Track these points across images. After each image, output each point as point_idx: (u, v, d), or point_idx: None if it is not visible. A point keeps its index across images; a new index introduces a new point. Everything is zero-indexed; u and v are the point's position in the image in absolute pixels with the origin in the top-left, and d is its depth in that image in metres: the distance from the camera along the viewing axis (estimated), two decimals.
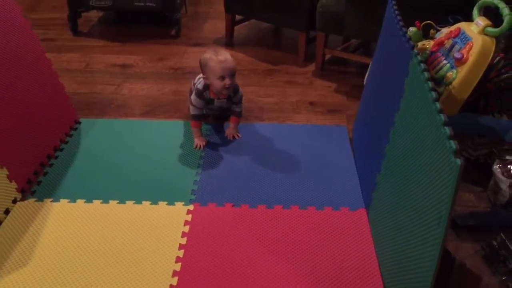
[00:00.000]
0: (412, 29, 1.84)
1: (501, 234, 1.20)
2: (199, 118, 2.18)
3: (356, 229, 1.75)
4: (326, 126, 2.38)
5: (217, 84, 2.06)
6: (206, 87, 2.13)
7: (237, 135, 2.25)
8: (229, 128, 2.26)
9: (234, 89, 2.17)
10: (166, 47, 3.26)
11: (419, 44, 1.82)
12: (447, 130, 1.09)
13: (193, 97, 2.15)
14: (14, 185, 1.83)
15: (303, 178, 1.99)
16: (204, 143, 2.18)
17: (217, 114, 2.39)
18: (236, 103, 2.23)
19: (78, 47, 3.21)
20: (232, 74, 2.05)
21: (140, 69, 2.94)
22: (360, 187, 1.94)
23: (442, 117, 1.13)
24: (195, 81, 2.27)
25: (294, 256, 1.63)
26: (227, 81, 2.04)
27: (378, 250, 1.63)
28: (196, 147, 2.16)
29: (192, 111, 2.17)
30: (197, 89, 2.14)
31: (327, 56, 3.02)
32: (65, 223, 1.74)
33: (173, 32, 3.45)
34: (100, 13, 3.73)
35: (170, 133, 2.28)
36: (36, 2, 3.94)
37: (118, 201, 1.85)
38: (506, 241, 1.18)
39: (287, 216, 1.79)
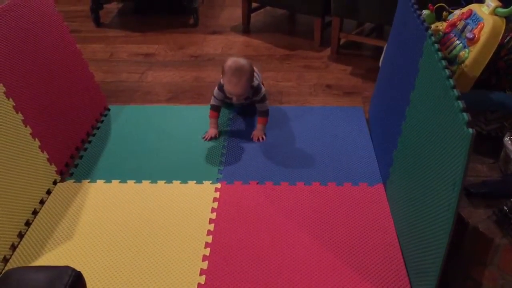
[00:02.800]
0: (425, 11, 1.92)
1: (511, 199, 1.30)
2: (216, 108, 2.22)
3: (375, 202, 1.85)
4: (343, 107, 2.48)
5: (227, 93, 2.11)
6: None
7: (262, 137, 2.22)
8: (256, 130, 2.24)
9: (255, 90, 2.15)
10: (185, 35, 3.37)
11: (433, 26, 1.90)
12: (460, 104, 1.19)
13: (215, 89, 2.18)
14: (53, 167, 1.97)
15: (323, 156, 2.10)
16: (214, 135, 2.21)
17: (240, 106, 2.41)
18: (259, 102, 2.19)
19: (101, 38, 3.34)
20: (239, 95, 2.07)
21: (162, 58, 3.06)
22: (378, 164, 2.04)
23: (456, 92, 1.23)
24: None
25: (316, 229, 1.74)
26: (234, 99, 2.10)
27: (396, 221, 1.74)
28: (206, 138, 2.21)
29: (212, 101, 2.21)
30: (220, 83, 2.16)
31: (342, 40, 3.10)
32: (103, 202, 1.88)
33: (191, 21, 3.56)
34: (120, 4, 3.84)
35: (194, 117, 2.40)
36: None
37: (150, 181, 1.98)
38: None
39: (309, 192, 1.91)
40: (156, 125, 2.34)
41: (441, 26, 1.89)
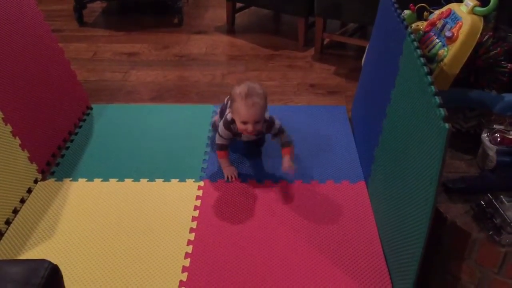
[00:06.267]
0: (406, 11, 1.95)
1: (488, 194, 1.32)
2: (225, 148, 1.97)
3: (356, 199, 1.87)
4: (326, 106, 2.50)
5: (239, 126, 1.86)
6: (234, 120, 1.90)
7: (292, 168, 1.93)
8: (284, 161, 1.93)
9: (268, 125, 1.93)
10: (169, 35, 3.36)
11: (413, 26, 1.93)
12: (437, 100, 1.21)
13: (220, 126, 1.94)
14: (34, 166, 1.95)
15: (306, 154, 2.11)
16: (235, 173, 1.98)
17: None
18: (278, 134, 1.96)
19: (85, 37, 3.32)
20: (257, 121, 1.82)
21: (146, 57, 3.05)
22: (360, 162, 2.06)
23: (433, 88, 1.25)
24: (226, 102, 2.07)
25: (299, 226, 1.75)
26: (249, 127, 1.83)
27: (377, 217, 1.75)
28: (228, 179, 1.97)
29: (218, 140, 1.96)
30: (226, 120, 1.92)
31: (326, 41, 3.13)
32: (85, 200, 1.87)
33: (175, 21, 3.55)
34: (104, 4, 3.82)
35: (178, 116, 2.39)
36: None
37: (132, 179, 1.97)
38: (493, 200, 1.29)
39: (292, 190, 1.92)
40: (139, 124, 2.33)
41: (422, 25, 1.91)
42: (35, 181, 1.94)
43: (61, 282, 0.83)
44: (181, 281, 1.54)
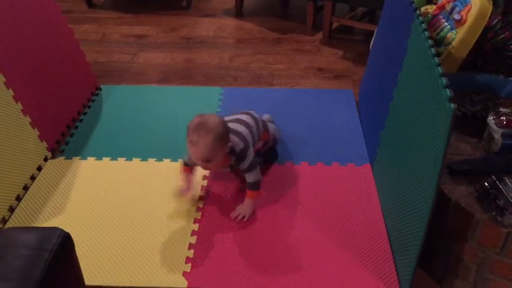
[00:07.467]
0: None
1: (492, 176, 1.33)
2: (188, 164, 1.75)
3: (361, 182, 1.88)
4: (333, 90, 2.50)
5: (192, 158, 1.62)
6: None
7: (244, 217, 1.69)
8: (241, 204, 1.73)
9: (239, 156, 1.64)
10: (177, 18, 3.37)
11: (422, 9, 1.92)
12: (443, 80, 1.21)
13: None
14: (44, 144, 1.98)
15: (312, 137, 2.13)
16: (189, 196, 1.77)
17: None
18: (245, 171, 1.68)
19: (94, 18, 3.33)
20: (204, 159, 1.55)
21: (154, 39, 3.06)
22: (366, 145, 2.07)
23: (440, 69, 1.25)
24: None
25: (303, 206, 1.77)
26: (200, 164, 1.60)
27: (381, 199, 1.77)
28: (182, 194, 1.78)
29: (184, 157, 1.74)
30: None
31: (334, 25, 3.12)
32: (93, 178, 1.90)
33: (184, 4, 3.55)
34: None
35: (185, 97, 2.41)
36: None
37: (140, 159, 1.99)
38: (497, 181, 1.31)
39: (298, 171, 1.93)
40: (147, 104, 2.35)
41: (431, 8, 1.91)
42: (45, 159, 1.97)
43: (73, 249, 0.86)
44: (187, 257, 1.57)
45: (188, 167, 1.77)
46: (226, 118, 1.74)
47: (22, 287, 0.73)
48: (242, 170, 1.68)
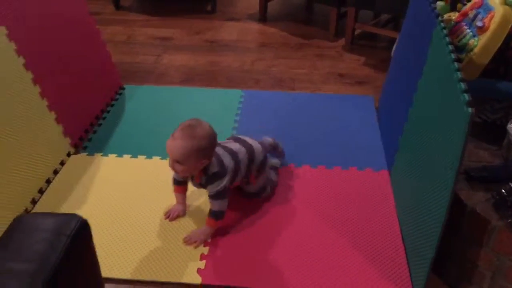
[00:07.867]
0: (439, 3, 1.94)
1: (510, 183, 1.32)
2: (179, 183, 1.72)
3: (378, 187, 1.88)
4: (354, 95, 2.51)
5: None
6: None
7: (193, 243, 1.62)
8: (196, 230, 1.66)
9: (209, 178, 1.57)
10: (202, 21, 3.42)
11: (445, 16, 1.92)
12: (462, 85, 1.21)
13: None
14: (68, 140, 2.03)
15: (330, 141, 2.14)
16: (176, 214, 1.73)
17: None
18: (211, 197, 1.60)
19: (120, 20, 3.41)
20: (174, 158, 1.51)
21: (179, 42, 3.11)
22: (384, 151, 2.07)
23: (459, 74, 1.25)
24: None
25: (319, 209, 1.78)
26: (170, 162, 1.54)
27: (397, 204, 1.76)
28: (167, 215, 1.73)
29: (174, 173, 1.68)
30: None
31: (358, 31, 3.12)
32: (114, 174, 1.94)
33: (208, 8, 3.60)
34: None
35: (206, 99, 2.45)
36: None
37: (160, 157, 2.03)
38: None
39: (315, 174, 1.94)
40: (169, 104, 2.40)
41: (454, 16, 1.90)
42: (68, 154, 2.02)
43: (90, 236, 0.89)
44: (202, 254, 1.59)
45: (178, 186, 1.72)
46: (224, 141, 1.74)
47: (41, 268, 0.77)
48: (209, 195, 1.61)
